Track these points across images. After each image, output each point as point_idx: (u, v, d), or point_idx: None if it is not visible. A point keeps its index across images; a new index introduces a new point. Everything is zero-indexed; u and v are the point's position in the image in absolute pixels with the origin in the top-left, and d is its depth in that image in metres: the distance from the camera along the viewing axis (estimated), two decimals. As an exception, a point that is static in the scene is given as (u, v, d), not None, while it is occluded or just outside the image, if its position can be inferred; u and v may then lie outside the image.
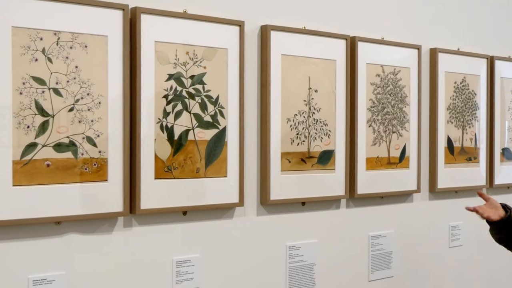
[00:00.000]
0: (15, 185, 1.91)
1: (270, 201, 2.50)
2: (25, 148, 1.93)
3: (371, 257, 2.90)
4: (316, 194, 2.65)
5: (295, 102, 2.57)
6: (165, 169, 2.22)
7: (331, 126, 2.68)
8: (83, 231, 2.08)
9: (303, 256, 2.64)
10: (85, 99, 2.04)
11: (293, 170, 2.56)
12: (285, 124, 2.54)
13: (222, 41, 2.35)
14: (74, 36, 2.01)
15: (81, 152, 2.03)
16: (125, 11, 2.11)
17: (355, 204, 2.84)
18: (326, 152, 2.67)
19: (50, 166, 1.97)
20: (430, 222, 3.17)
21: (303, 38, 2.59)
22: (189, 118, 2.27)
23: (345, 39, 2.72)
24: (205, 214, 2.35)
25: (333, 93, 2.69)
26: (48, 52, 1.97)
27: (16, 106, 1.91)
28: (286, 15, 2.57)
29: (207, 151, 2.31)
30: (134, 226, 2.19)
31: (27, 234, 1.97)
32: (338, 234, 2.78)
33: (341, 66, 2.72)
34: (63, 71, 1.99)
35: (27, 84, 1.93)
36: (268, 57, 2.47)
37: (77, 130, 2.02)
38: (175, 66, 2.24)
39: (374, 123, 2.84)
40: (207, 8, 2.34)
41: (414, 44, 3.02)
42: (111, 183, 2.09)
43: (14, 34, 1.90)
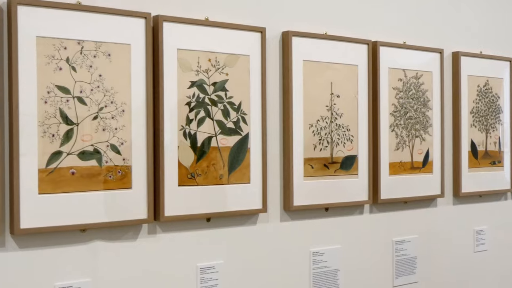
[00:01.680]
0: (41, 193, 1.93)
1: (293, 207, 2.49)
2: (50, 156, 1.94)
3: (395, 263, 2.88)
4: (339, 199, 2.64)
5: (317, 108, 2.57)
6: (189, 176, 2.22)
7: (353, 131, 2.68)
8: (108, 239, 2.09)
9: (327, 262, 2.63)
10: (109, 107, 2.05)
11: (316, 176, 2.56)
12: (307, 130, 2.53)
13: (244, 47, 2.36)
14: (97, 45, 2.03)
15: (105, 160, 2.04)
16: (147, 19, 2.13)
17: (379, 209, 2.83)
18: (349, 157, 2.66)
19: (75, 174, 1.99)
20: (455, 226, 3.15)
21: (324, 43, 2.59)
22: (211, 125, 2.28)
23: (367, 44, 2.72)
24: (228, 221, 2.36)
25: (356, 98, 2.68)
26: (72, 61, 1.98)
27: (41, 115, 1.93)
28: (307, 21, 2.57)
29: (230, 157, 2.32)
30: (158, 233, 2.20)
31: (53, 242, 1.98)
32: (361, 239, 2.77)
33: (363, 71, 2.71)
34: (87, 80, 2.01)
35: (52, 93, 1.95)
36: (289, 63, 2.47)
37: (101, 138, 2.04)
38: (197, 73, 2.24)
39: (397, 128, 2.83)
40: (228, 15, 2.35)
41: (436, 48, 3.00)
42: (135, 191, 2.10)
43: (38, 44, 1.92)
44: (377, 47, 2.75)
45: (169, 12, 2.19)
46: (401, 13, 2.92)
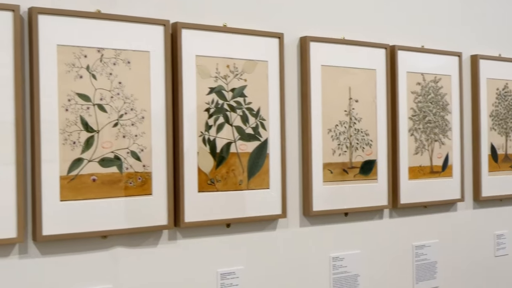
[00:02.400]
0: (62, 200, 1.94)
1: (313, 212, 2.49)
2: (71, 163, 1.96)
3: (416, 267, 2.87)
4: (359, 204, 2.64)
5: (336, 113, 2.57)
6: (208, 182, 2.23)
7: (372, 136, 2.67)
8: (129, 245, 2.10)
9: (347, 267, 2.63)
10: (129, 114, 2.06)
11: (335, 181, 2.56)
12: (326, 135, 2.53)
13: (262, 53, 2.36)
14: (117, 53, 2.05)
15: (126, 166, 2.06)
16: (166, 26, 2.14)
17: (398, 214, 2.82)
18: (368, 162, 2.66)
19: (96, 180, 2.00)
20: (475, 231, 3.13)
21: (342, 48, 2.59)
22: (230, 131, 2.28)
23: (385, 48, 2.72)
24: (248, 226, 2.36)
25: (374, 103, 2.68)
26: (92, 69, 2.00)
27: (62, 122, 1.94)
28: (325, 26, 2.58)
29: (249, 163, 2.32)
30: (178, 239, 2.21)
31: (75, 248, 2.00)
32: (381, 244, 2.76)
33: (381, 76, 2.71)
34: (107, 87, 2.03)
35: (73, 101, 1.96)
36: (308, 68, 2.48)
37: (121, 145, 2.05)
38: (216, 79, 2.25)
39: (416, 132, 2.82)
40: (246, 21, 2.35)
41: (455, 51, 2.99)
42: (155, 197, 2.11)
43: (59, 52, 1.94)
44: (395, 51, 2.74)
45: (188, 19, 2.20)
46: (418, 16, 2.91)
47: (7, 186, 1.85)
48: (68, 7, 1.97)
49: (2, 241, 1.84)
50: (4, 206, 1.85)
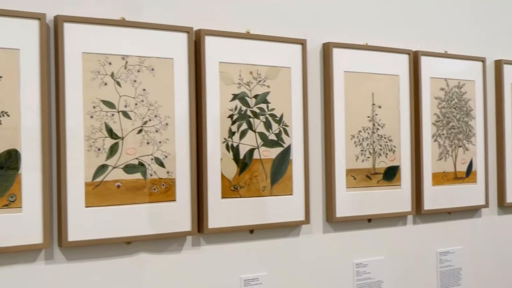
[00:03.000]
0: (87, 206, 1.96)
1: (336, 218, 2.49)
2: (96, 170, 1.98)
3: (440, 274, 2.85)
4: (382, 210, 2.63)
5: (359, 119, 2.56)
6: (232, 188, 2.24)
7: (395, 142, 2.66)
8: (153, 251, 2.12)
9: (371, 274, 2.62)
10: (153, 121, 2.08)
11: (358, 187, 2.55)
12: (349, 141, 2.53)
13: (285, 60, 2.37)
14: (141, 60, 2.06)
15: (150, 173, 2.07)
16: (189, 33, 2.15)
17: (422, 220, 2.81)
18: (391, 168, 2.65)
19: (120, 187, 2.02)
20: (500, 237, 3.10)
21: (365, 54, 2.59)
22: (254, 137, 2.29)
23: (408, 54, 2.71)
24: (271, 232, 2.36)
25: (397, 109, 2.67)
26: (116, 76, 2.02)
27: (87, 129, 1.96)
28: (347, 32, 2.58)
29: (272, 169, 2.33)
30: (202, 245, 2.21)
31: (99, 254, 2.01)
32: (405, 250, 2.74)
33: (404, 81, 2.70)
34: (131, 94, 2.04)
35: (98, 108, 1.98)
36: (331, 74, 2.48)
37: (145, 151, 2.06)
38: (239, 86, 2.26)
39: (439, 138, 2.81)
40: (269, 27, 2.36)
41: (478, 56, 2.97)
42: (179, 203, 2.12)
43: (84, 60, 1.96)
44: (418, 57, 2.73)
45: (211, 26, 2.21)
46: (442, 22, 2.90)
47: (33, 192, 1.87)
48: (93, 15, 1.99)
49: (28, 247, 1.86)
50: (31, 212, 1.87)
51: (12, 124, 1.84)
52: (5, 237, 1.83)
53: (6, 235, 1.83)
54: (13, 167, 1.85)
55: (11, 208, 1.84)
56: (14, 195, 1.85)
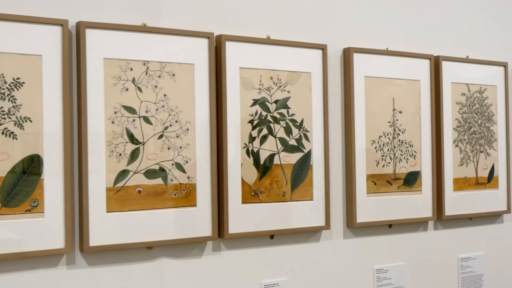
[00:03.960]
0: (108, 211, 1.97)
1: (357, 223, 2.48)
2: (117, 175, 1.99)
3: (461, 280, 2.83)
4: (403, 216, 2.61)
5: (380, 124, 2.55)
6: (252, 193, 2.24)
7: (416, 147, 2.65)
8: (174, 256, 2.12)
9: (391, 279, 2.60)
10: (174, 126, 2.08)
11: (379, 192, 2.54)
12: (370, 146, 2.52)
13: (305, 65, 2.37)
14: (162, 66, 2.07)
15: (171, 178, 2.08)
16: (210, 39, 2.16)
17: (443, 225, 2.79)
18: (412, 173, 2.64)
19: (141, 192, 2.02)
20: (522, 243, 3.08)
21: (386, 59, 2.58)
22: (274, 142, 2.29)
23: (429, 59, 2.70)
24: (292, 238, 2.36)
25: (418, 114, 2.66)
26: (138, 82, 2.03)
27: (108, 134, 1.97)
28: (368, 37, 2.57)
29: (292, 174, 2.32)
30: (222, 250, 2.22)
31: (121, 259, 2.02)
32: (426, 256, 2.73)
33: (425, 86, 2.68)
34: (152, 100, 2.05)
35: (119, 113, 1.99)
36: (351, 79, 2.47)
37: (166, 156, 2.07)
38: (259, 91, 2.26)
39: (460, 143, 2.79)
40: (289, 33, 2.36)
41: (500, 61, 2.95)
42: (199, 208, 2.13)
43: (106, 65, 1.97)
44: (439, 62, 2.72)
45: (232, 32, 2.22)
46: (463, 27, 2.88)
47: (55, 197, 1.88)
48: (114, 21, 2.00)
49: (50, 252, 1.87)
50: (53, 217, 1.88)
51: (34, 129, 1.86)
52: (27, 242, 1.84)
53: (28, 240, 1.84)
54: (36, 172, 1.86)
55: (34, 213, 1.86)
56: (36, 200, 1.86)
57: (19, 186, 1.83)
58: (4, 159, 1.82)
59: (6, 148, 1.82)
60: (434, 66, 2.72)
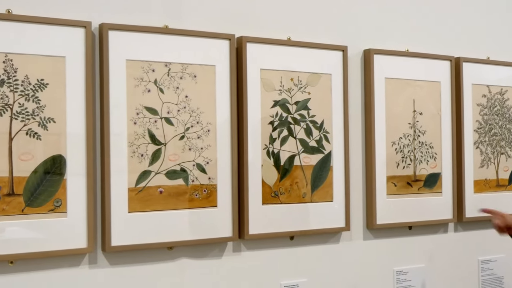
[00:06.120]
0: (130, 212, 1.98)
1: (377, 225, 2.48)
2: (139, 175, 2.00)
3: (482, 282, 2.82)
4: (423, 218, 2.61)
5: (400, 125, 2.55)
6: (272, 195, 2.25)
7: (437, 149, 2.64)
8: (194, 256, 2.13)
9: (411, 281, 2.60)
10: (195, 127, 2.10)
11: (399, 194, 2.54)
12: (390, 148, 2.52)
13: (325, 66, 2.37)
14: (183, 67, 2.08)
15: (192, 178, 2.09)
16: (231, 40, 2.17)
17: (464, 228, 2.78)
18: (432, 175, 2.63)
19: (162, 192, 2.04)
20: (543, 246, 3.06)
21: (406, 60, 2.57)
22: (294, 144, 2.29)
23: (450, 60, 2.69)
24: (311, 239, 2.36)
25: (438, 115, 2.65)
26: (159, 83, 2.04)
27: (130, 135, 1.99)
28: (388, 39, 2.57)
29: (312, 176, 2.33)
30: (242, 251, 2.22)
31: (142, 259, 2.03)
32: (446, 258, 2.72)
33: (446, 88, 2.68)
34: (174, 101, 2.06)
35: (141, 114, 2.01)
36: (371, 81, 2.47)
37: (187, 157, 2.08)
38: (280, 92, 2.27)
39: (481, 145, 2.78)
40: (310, 34, 2.37)
41: (522, 62, 2.94)
42: (220, 209, 2.14)
43: (128, 67, 1.99)
44: (460, 63, 2.71)
45: (252, 33, 2.23)
46: (483, 28, 2.87)
47: (78, 197, 1.90)
48: (136, 23, 2.02)
49: (73, 251, 1.89)
50: (75, 217, 1.90)
51: (58, 130, 1.88)
52: (50, 241, 1.86)
53: (51, 239, 1.87)
54: (59, 172, 1.88)
55: (57, 212, 1.88)
56: (59, 200, 1.88)
57: (42, 186, 1.85)
58: (28, 159, 1.84)
59: (30, 148, 1.84)
60: (455, 68, 2.71)
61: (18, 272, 1.85)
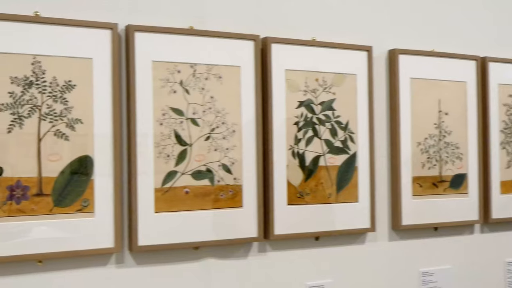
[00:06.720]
0: (157, 212, 2.00)
1: (402, 226, 2.47)
2: (165, 176, 2.01)
3: (508, 284, 2.79)
4: (449, 219, 2.59)
5: (425, 126, 2.54)
6: (298, 195, 2.25)
7: (463, 149, 2.63)
8: (220, 256, 2.14)
9: (437, 283, 2.58)
10: (220, 128, 2.10)
11: (424, 195, 2.53)
12: (415, 148, 2.51)
13: (350, 66, 2.37)
14: (209, 68, 2.09)
15: (217, 179, 2.10)
16: (256, 41, 2.17)
17: (490, 229, 2.75)
18: (458, 175, 2.61)
19: (188, 193, 2.05)
20: None
21: (432, 60, 2.56)
22: (319, 144, 2.29)
23: (476, 60, 2.67)
24: (337, 239, 2.36)
25: (464, 116, 2.64)
26: (185, 84, 2.05)
27: (156, 136, 2.00)
28: (413, 38, 2.56)
29: (338, 176, 2.32)
30: (268, 251, 2.23)
31: (168, 259, 2.05)
32: (472, 260, 2.70)
33: (472, 88, 2.66)
34: (199, 102, 2.07)
35: (167, 115, 2.02)
36: (397, 81, 2.46)
37: (213, 158, 2.09)
38: (305, 93, 2.27)
39: (508, 145, 2.75)
40: (335, 35, 2.36)
41: (548, 62, 2.91)
42: (245, 209, 2.14)
43: (154, 68, 2.00)
44: (486, 63, 2.69)
45: (277, 34, 2.23)
46: (510, 27, 2.85)
47: (105, 197, 1.92)
48: (162, 25, 2.03)
49: (101, 251, 1.91)
50: (103, 217, 1.92)
51: (85, 131, 1.90)
52: (78, 241, 1.88)
53: (79, 239, 1.88)
54: (86, 172, 1.90)
55: (84, 212, 1.90)
56: (87, 200, 1.90)
57: (70, 186, 1.87)
58: (56, 160, 1.86)
59: (57, 149, 1.86)
60: (481, 68, 2.69)
61: (46, 271, 1.87)
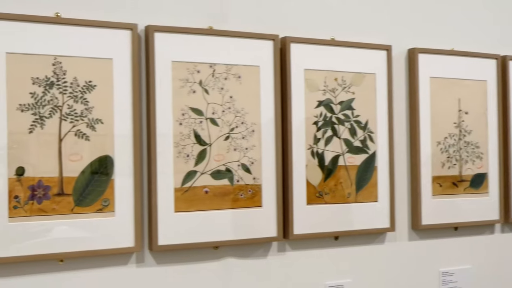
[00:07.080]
0: (176, 211, 2.00)
1: (422, 226, 2.46)
2: (185, 175, 2.02)
3: (529, 284, 2.78)
4: (469, 218, 2.58)
5: (445, 125, 2.52)
6: (317, 195, 2.24)
7: (483, 149, 2.61)
8: (239, 256, 2.14)
9: (457, 283, 2.57)
10: (240, 128, 2.11)
11: (444, 194, 2.51)
12: (435, 147, 2.50)
13: (370, 66, 2.36)
14: (228, 68, 2.10)
15: (237, 179, 2.10)
16: (275, 41, 2.17)
17: (511, 229, 2.73)
18: (478, 175, 2.60)
19: (208, 192, 2.05)
20: None
21: (451, 59, 2.55)
22: (338, 144, 2.29)
23: (496, 59, 2.65)
24: (356, 239, 2.36)
25: (485, 115, 2.62)
26: (204, 84, 2.06)
27: (176, 136, 2.01)
28: (433, 38, 2.54)
29: (357, 176, 2.32)
30: (287, 251, 2.23)
31: (188, 258, 2.05)
32: (493, 260, 2.68)
33: (492, 87, 2.64)
34: (218, 102, 2.08)
35: (186, 115, 2.02)
36: (416, 80, 2.45)
37: (232, 157, 2.10)
38: (324, 92, 2.27)
39: (528, 145, 2.73)
40: (354, 34, 2.36)
41: None
42: (265, 209, 2.14)
43: (174, 68, 2.01)
44: (506, 62, 2.67)
45: (296, 34, 2.23)
46: (531, 26, 2.83)
47: (125, 197, 1.93)
48: (182, 25, 2.04)
49: (121, 250, 1.92)
50: (123, 216, 1.93)
51: (106, 131, 1.91)
52: (99, 241, 1.89)
53: (100, 238, 1.90)
54: (107, 172, 1.91)
55: (105, 212, 1.91)
56: (107, 199, 1.91)
57: (90, 186, 1.89)
58: (76, 160, 1.87)
59: (78, 149, 1.88)
60: (501, 66, 2.67)
61: (67, 270, 1.88)
